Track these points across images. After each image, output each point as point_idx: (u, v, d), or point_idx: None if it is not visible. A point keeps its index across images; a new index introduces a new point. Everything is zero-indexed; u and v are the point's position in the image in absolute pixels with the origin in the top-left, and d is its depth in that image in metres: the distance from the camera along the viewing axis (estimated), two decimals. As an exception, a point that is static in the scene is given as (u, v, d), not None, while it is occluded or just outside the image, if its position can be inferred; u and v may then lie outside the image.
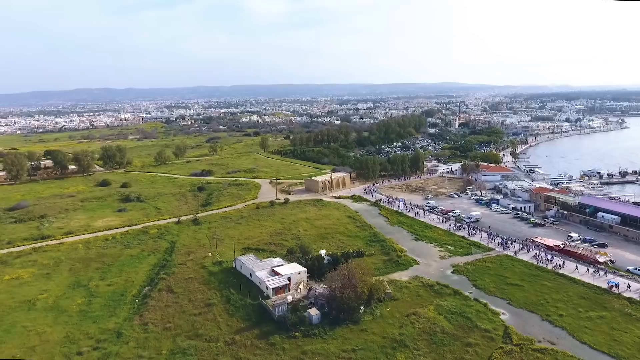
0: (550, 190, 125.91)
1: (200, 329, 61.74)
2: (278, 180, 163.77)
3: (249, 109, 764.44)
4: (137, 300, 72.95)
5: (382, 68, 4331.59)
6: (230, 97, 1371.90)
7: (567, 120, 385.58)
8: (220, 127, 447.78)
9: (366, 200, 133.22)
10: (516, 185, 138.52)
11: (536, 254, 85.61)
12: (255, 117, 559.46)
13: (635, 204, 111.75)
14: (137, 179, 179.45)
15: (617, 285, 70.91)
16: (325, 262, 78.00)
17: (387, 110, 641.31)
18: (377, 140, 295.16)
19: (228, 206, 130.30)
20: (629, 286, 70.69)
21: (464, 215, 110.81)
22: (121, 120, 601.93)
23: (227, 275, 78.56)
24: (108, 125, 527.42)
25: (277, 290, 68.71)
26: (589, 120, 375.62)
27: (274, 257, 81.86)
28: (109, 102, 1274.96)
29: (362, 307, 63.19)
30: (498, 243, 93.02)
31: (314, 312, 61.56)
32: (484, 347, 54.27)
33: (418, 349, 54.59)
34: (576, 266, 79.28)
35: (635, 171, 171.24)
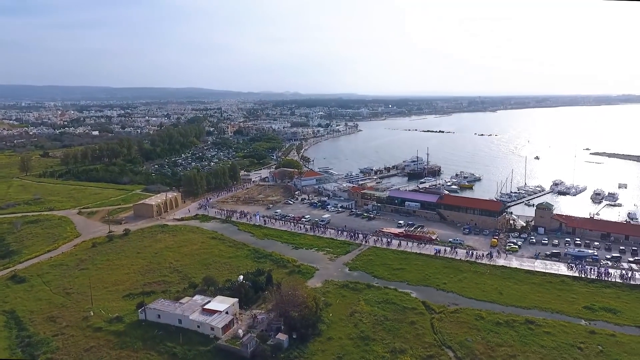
0: (363, 188, 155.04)
1: (171, 396, 53.48)
2: (90, 210, 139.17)
3: None
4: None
5: (122, 70, 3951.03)
6: None
7: (319, 125, 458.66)
8: None
9: (214, 218, 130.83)
10: (334, 186, 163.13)
11: (376, 239, 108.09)
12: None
13: (427, 192, 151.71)
14: None
15: (439, 251, 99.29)
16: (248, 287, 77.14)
17: (147, 117, 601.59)
18: (163, 152, 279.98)
19: (49, 250, 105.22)
20: (446, 250, 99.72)
21: (317, 219, 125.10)
22: None
23: (143, 330, 67.49)
24: None
25: (224, 328, 65.11)
26: (337, 125, 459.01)
27: (189, 296, 75.00)
28: None
29: (313, 320, 67.84)
30: (350, 236, 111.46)
31: (282, 336, 62.53)
32: (422, 322, 68.89)
33: (383, 338, 64.46)
34: (407, 243, 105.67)
35: (394, 166, 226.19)
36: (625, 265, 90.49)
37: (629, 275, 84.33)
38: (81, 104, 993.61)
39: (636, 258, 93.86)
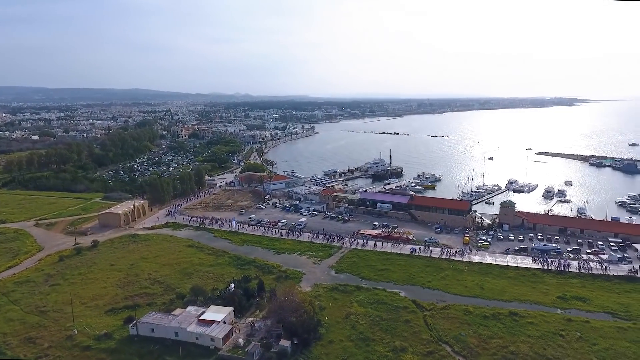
0: (334, 191, 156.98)
1: (180, 412, 52.00)
2: (48, 221, 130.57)
3: None
4: None
5: (57, 69, 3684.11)
6: None
7: (276, 127, 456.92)
8: None
9: (186, 225, 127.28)
10: (304, 190, 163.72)
11: (352, 240, 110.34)
12: None
13: (396, 193, 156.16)
14: None
15: (415, 250, 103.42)
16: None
17: (92, 120, 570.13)
18: (116, 157, 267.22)
19: (10, 267, 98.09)
20: (420, 250, 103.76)
21: (294, 223, 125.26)
22: None
23: (137, 345, 64.86)
24: None
25: (225, 338, 64.12)
26: (294, 128, 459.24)
27: (181, 307, 72.95)
28: None
29: (311, 324, 68.44)
30: (327, 239, 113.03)
31: (285, 343, 62.58)
32: (416, 319, 71.54)
33: (382, 338, 66.31)
34: (382, 244, 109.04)
35: (358, 168, 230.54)
36: (584, 257, 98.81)
37: (589, 266, 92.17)
38: (13, 106, 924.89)
39: (593, 250, 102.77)
